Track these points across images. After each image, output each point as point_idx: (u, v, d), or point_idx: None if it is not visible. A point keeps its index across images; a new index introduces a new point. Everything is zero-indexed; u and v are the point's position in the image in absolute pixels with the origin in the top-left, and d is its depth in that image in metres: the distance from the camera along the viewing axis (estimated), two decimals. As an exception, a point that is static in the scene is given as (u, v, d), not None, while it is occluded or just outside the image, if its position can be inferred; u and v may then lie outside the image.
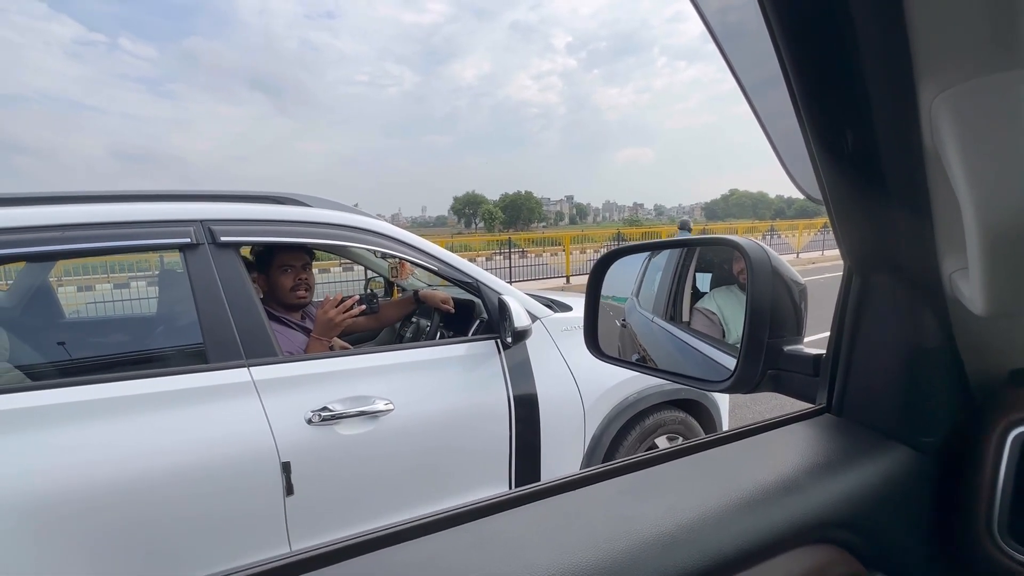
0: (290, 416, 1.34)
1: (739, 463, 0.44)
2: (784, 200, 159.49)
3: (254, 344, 1.36)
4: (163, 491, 1.19)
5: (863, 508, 0.41)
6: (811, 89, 0.34)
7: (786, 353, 0.54)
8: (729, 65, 0.42)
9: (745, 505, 0.37)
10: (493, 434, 1.62)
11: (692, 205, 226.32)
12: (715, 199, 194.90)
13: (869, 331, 0.47)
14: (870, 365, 0.48)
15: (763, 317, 0.52)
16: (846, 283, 0.49)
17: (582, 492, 0.39)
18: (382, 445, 1.44)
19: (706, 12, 0.38)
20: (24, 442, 1.10)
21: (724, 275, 0.77)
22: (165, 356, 1.69)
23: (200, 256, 1.36)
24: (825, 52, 0.32)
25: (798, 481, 0.41)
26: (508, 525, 0.35)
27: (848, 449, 0.45)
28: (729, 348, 0.68)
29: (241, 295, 1.38)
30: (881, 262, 0.44)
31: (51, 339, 1.82)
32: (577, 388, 1.76)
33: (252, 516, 1.29)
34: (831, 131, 0.36)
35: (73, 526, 1.11)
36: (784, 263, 0.57)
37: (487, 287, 1.72)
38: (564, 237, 12.34)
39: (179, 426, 1.23)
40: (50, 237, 1.23)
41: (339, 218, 1.59)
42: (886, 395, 0.47)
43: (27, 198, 1.34)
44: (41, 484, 1.09)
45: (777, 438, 0.48)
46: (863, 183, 0.38)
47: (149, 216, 1.35)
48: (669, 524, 0.34)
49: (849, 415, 0.50)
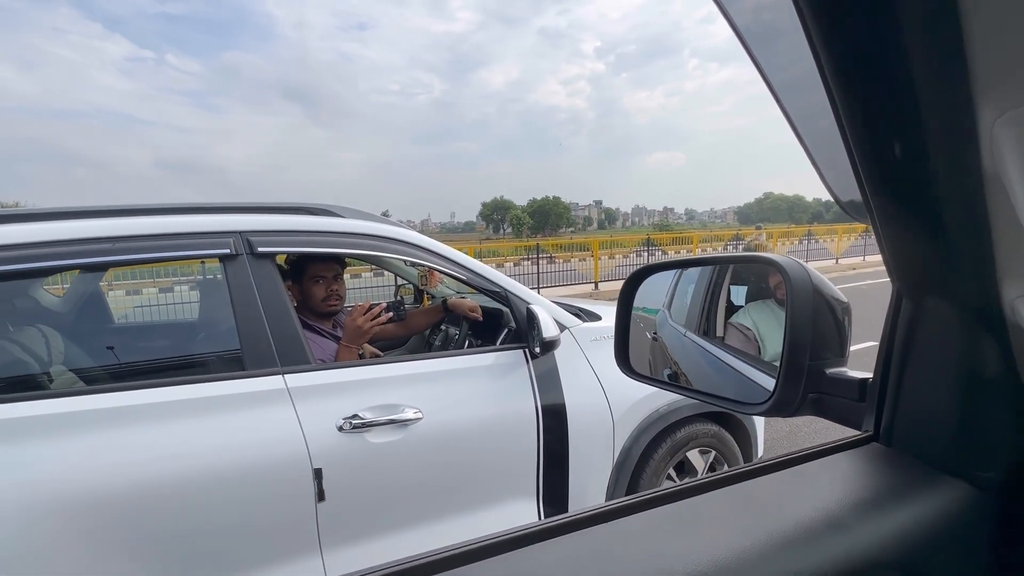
0: (322, 423, 1.36)
1: (779, 496, 0.42)
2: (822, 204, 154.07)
3: (288, 352, 1.40)
4: (203, 494, 1.22)
5: (917, 548, 0.39)
6: (857, 100, 0.32)
7: (828, 376, 0.51)
8: (760, 71, 0.40)
9: (787, 543, 0.35)
10: (521, 444, 1.61)
11: (724, 209, 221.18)
12: (748, 203, 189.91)
13: (921, 357, 0.45)
14: (923, 393, 0.45)
15: (803, 339, 0.50)
16: (895, 306, 0.46)
17: (613, 525, 0.38)
18: (411, 453, 1.45)
19: (734, 17, 0.37)
20: (73, 444, 1.16)
21: (760, 289, 0.75)
22: (205, 362, 1.75)
23: (239, 266, 1.41)
24: (873, 61, 0.30)
25: (844, 517, 0.38)
26: (539, 559, 0.34)
27: (899, 483, 0.43)
28: (765, 366, 0.66)
29: (277, 304, 1.42)
30: (935, 286, 0.41)
31: (101, 343, 1.92)
32: (606, 399, 1.73)
33: (285, 521, 1.32)
34: (880, 151, 0.34)
35: (117, 526, 1.16)
36: (825, 281, 0.54)
37: (515, 296, 1.72)
38: (592, 242, 12.24)
39: (218, 431, 1.27)
40: (103, 248, 1.30)
41: (370, 228, 1.62)
42: (940, 425, 0.44)
43: (81, 211, 1.42)
44: (87, 484, 1.14)
45: (820, 469, 0.46)
46: (915, 204, 0.36)
47: (192, 228, 1.41)
48: (705, 563, 0.33)
49: (899, 445, 0.47)
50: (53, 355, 1.59)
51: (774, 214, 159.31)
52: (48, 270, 1.38)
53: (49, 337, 1.60)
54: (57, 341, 1.62)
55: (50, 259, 1.25)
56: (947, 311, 0.42)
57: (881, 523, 0.39)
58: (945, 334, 0.42)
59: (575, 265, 12.43)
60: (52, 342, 1.61)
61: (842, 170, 0.40)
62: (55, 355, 1.60)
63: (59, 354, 1.61)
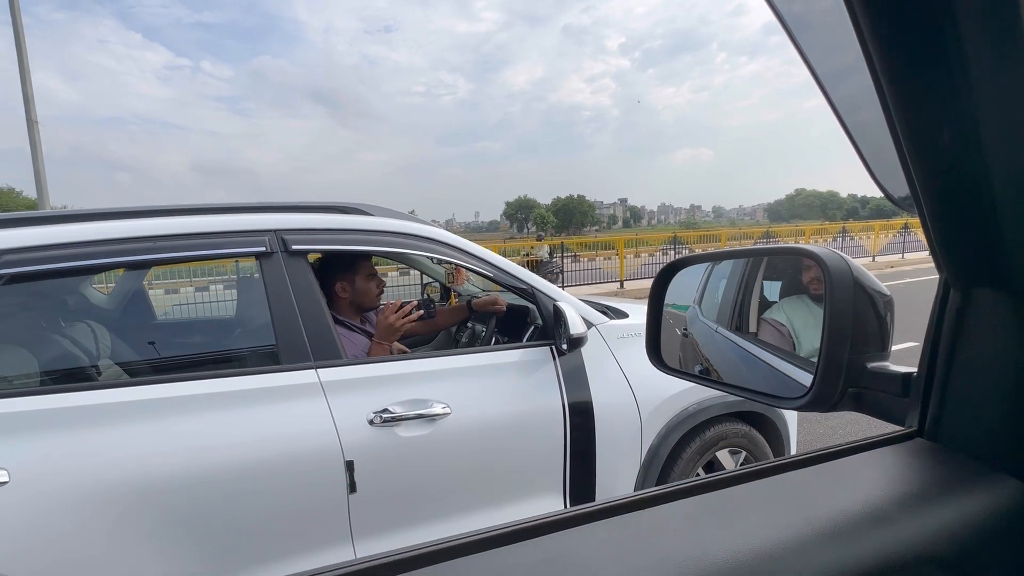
0: (353, 416, 1.40)
1: (819, 488, 0.41)
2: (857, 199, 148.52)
3: (321, 346, 1.44)
4: (238, 484, 1.27)
5: (965, 545, 0.38)
6: (904, 84, 0.32)
7: (870, 370, 0.50)
8: (802, 55, 0.39)
9: (827, 535, 0.35)
10: (547, 440, 1.61)
11: (754, 206, 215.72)
12: (779, 199, 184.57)
13: (971, 350, 0.43)
14: (972, 387, 0.44)
15: (843, 332, 0.49)
16: (942, 296, 0.45)
17: (652, 512, 0.38)
18: (439, 447, 1.47)
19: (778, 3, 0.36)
20: (116, 433, 1.22)
21: (793, 284, 0.73)
22: (242, 356, 1.81)
23: (273, 264, 1.45)
24: (921, 43, 0.30)
25: (888, 511, 0.37)
26: (577, 542, 0.35)
27: (946, 479, 0.41)
28: (801, 362, 0.65)
29: (310, 300, 1.46)
30: (985, 276, 0.40)
31: (144, 339, 2.01)
32: (634, 397, 1.72)
33: (318, 511, 1.36)
34: (929, 138, 0.33)
35: (160, 511, 1.21)
36: (867, 273, 0.53)
37: (542, 293, 1.72)
38: (618, 241, 12.12)
39: (255, 422, 1.32)
40: (145, 247, 1.36)
41: (399, 226, 1.65)
42: (991, 421, 0.43)
43: (124, 212, 1.49)
44: (134, 472, 1.20)
45: (862, 463, 0.45)
46: (965, 192, 0.35)
47: (228, 227, 1.46)
48: (745, 551, 0.32)
49: (946, 441, 0.45)
50: (101, 349, 1.67)
51: (806, 211, 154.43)
52: (94, 268, 1.45)
53: (97, 332, 1.69)
54: (104, 336, 1.71)
55: (96, 257, 1.32)
56: (998, 301, 0.40)
57: (927, 518, 0.37)
58: (996, 325, 0.41)
59: (600, 264, 12.34)
60: (100, 336, 1.69)
61: (888, 159, 0.39)
62: (103, 349, 1.68)
63: (106, 348, 1.70)
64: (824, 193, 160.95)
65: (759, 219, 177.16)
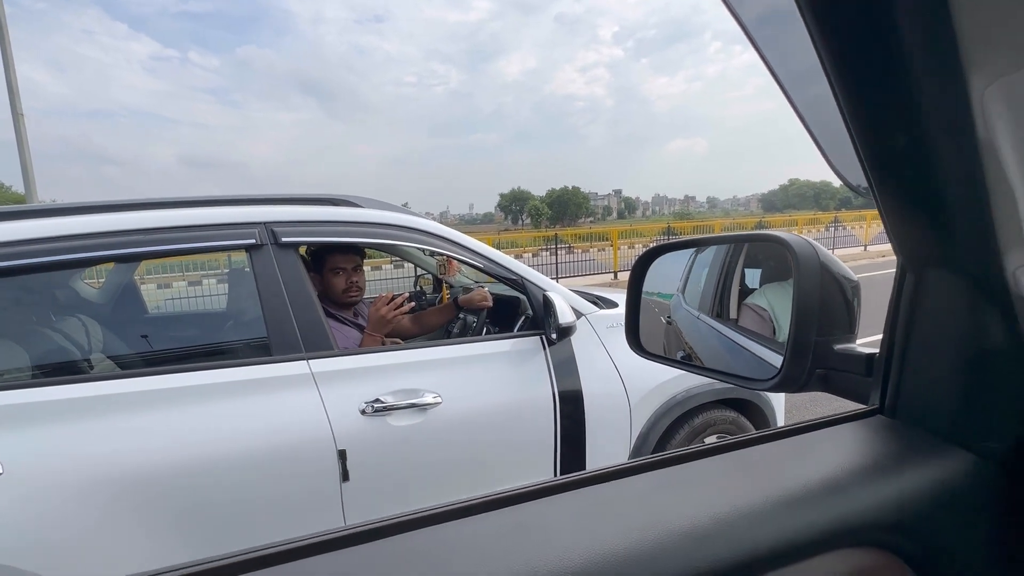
0: (345, 406, 1.41)
1: (782, 462, 0.43)
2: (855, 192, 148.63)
3: (313, 338, 1.45)
4: (233, 473, 1.29)
5: (917, 513, 0.40)
6: (852, 80, 0.33)
7: (837, 352, 0.52)
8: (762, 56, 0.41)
9: (785, 503, 0.37)
10: (538, 429, 1.64)
11: (748, 196, 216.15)
12: (773, 189, 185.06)
13: (926, 330, 0.45)
14: (927, 365, 0.46)
15: (810, 314, 0.51)
16: (899, 279, 0.47)
17: (619, 483, 0.40)
18: (430, 437, 1.50)
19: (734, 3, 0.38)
20: (109, 425, 1.23)
21: (775, 271, 0.75)
22: (233, 348, 1.82)
23: (264, 256, 1.46)
24: (865, 41, 0.31)
25: (844, 482, 0.40)
26: (545, 511, 0.37)
27: (902, 452, 0.44)
28: (779, 346, 0.67)
29: (301, 292, 1.47)
30: (936, 258, 0.42)
31: (135, 332, 2.01)
32: (623, 385, 1.74)
33: (312, 500, 1.38)
34: (876, 123, 0.35)
35: (152, 501, 1.23)
36: (834, 258, 0.55)
37: (532, 284, 1.74)
38: (612, 232, 12.14)
39: (247, 413, 1.33)
40: (135, 240, 1.36)
41: (390, 218, 1.66)
42: (945, 397, 0.45)
43: (113, 205, 1.49)
44: (126, 462, 1.21)
45: (824, 438, 0.47)
46: (913, 176, 0.37)
47: (218, 220, 1.46)
48: (703, 518, 0.35)
49: (904, 417, 0.48)
50: (92, 343, 1.67)
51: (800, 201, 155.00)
52: (83, 261, 1.45)
53: (88, 326, 1.69)
54: (96, 330, 1.71)
55: (84, 251, 1.32)
56: (950, 283, 0.42)
57: (881, 489, 0.40)
58: (948, 306, 0.43)
59: (594, 255, 12.36)
60: (91, 330, 1.69)
61: (846, 152, 0.40)
62: (94, 343, 1.68)
63: (98, 342, 1.70)
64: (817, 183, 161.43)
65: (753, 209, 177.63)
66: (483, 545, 0.33)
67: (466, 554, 0.33)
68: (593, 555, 0.32)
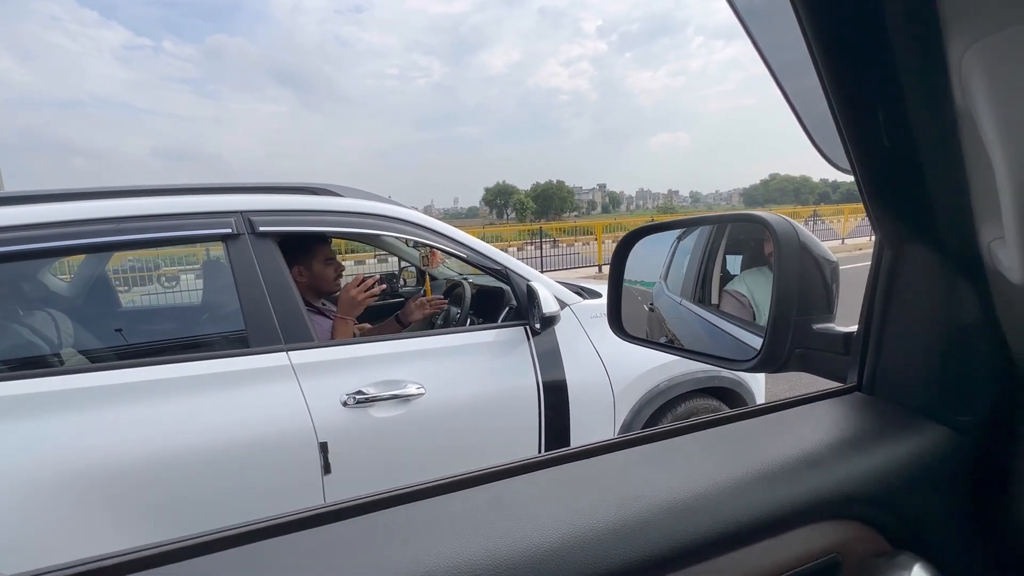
0: (327, 398, 1.39)
1: (760, 438, 0.43)
2: (829, 184, 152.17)
3: (292, 329, 1.42)
4: (212, 466, 1.26)
5: (892, 486, 0.40)
6: (832, 52, 0.33)
7: (815, 331, 0.52)
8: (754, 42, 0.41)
9: (763, 477, 0.37)
10: (522, 419, 1.64)
11: (730, 191, 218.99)
12: (754, 184, 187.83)
13: (903, 306, 0.45)
14: (904, 342, 0.46)
15: (790, 294, 0.51)
16: (877, 256, 0.47)
17: (598, 460, 0.39)
18: (414, 428, 1.48)
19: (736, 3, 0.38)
20: (85, 419, 1.19)
21: (755, 256, 0.75)
22: (211, 341, 1.78)
23: (241, 246, 1.42)
24: (846, 15, 0.31)
25: (822, 456, 0.40)
26: (524, 487, 0.36)
27: (878, 427, 0.44)
28: (758, 329, 0.67)
29: (279, 282, 1.44)
30: (914, 233, 0.42)
31: (109, 326, 1.95)
32: (607, 374, 1.75)
33: (293, 493, 1.36)
34: (856, 96, 0.35)
35: (128, 496, 1.20)
36: (814, 239, 0.55)
37: (516, 274, 1.73)
38: (596, 226, 12.20)
39: (225, 406, 1.30)
40: (106, 229, 1.32)
41: (372, 207, 1.63)
42: (921, 372, 0.45)
43: (84, 193, 1.44)
44: (99, 457, 1.18)
45: (802, 414, 0.47)
46: (892, 149, 0.37)
47: (193, 208, 1.42)
48: (682, 492, 0.34)
49: (881, 394, 0.48)
50: (63, 337, 1.62)
51: (780, 195, 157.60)
52: (53, 251, 1.39)
53: (58, 320, 1.63)
54: (66, 324, 1.65)
55: (54, 240, 1.27)
56: (927, 258, 0.42)
57: (858, 462, 0.40)
58: (925, 281, 0.43)
59: (579, 249, 12.41)
60: (61, 325, 1.63)
61: (828, 128, 0.40)
62: (64, 337, 1.63)
63: (68, 336, 1.64)
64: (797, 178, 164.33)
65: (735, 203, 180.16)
66: (461, 521, 0.33)
67: (444, 530, 0.32)
68: (572, 529, 0.31)
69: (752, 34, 0.41)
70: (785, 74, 0.41)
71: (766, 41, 0.42)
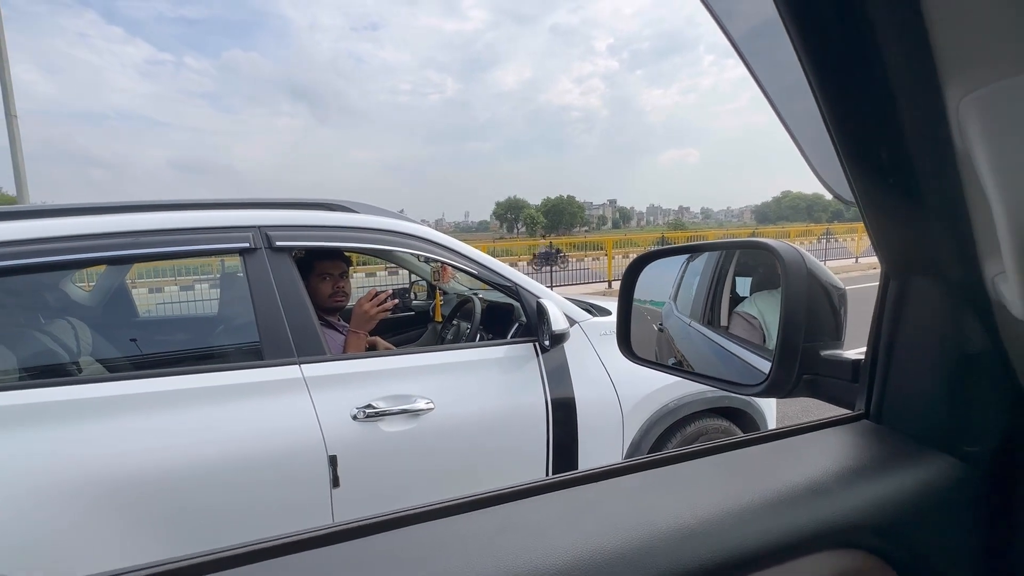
0: (337, 412, 1.40)
1: (767, 464, 0.43)
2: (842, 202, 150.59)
3: (305, 343, 1.44)
4: (222, 477, 1.27)
5: (900, 516, 0.41)
6: (834, 94, 0.35)
7: (823, 358, 0.53)
8: (751, 71, 0.42)
9: (769, 504, 0.37)
10: (530, 436, 1.63)
11: (741, 208, 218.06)
12: (766, 201, 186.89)
13: (909, 336, 0.46)
14: (911, 371, 0.47)
15: (797, 321, 0.52)
16: (883, 286, 0.48)
17: (605, 484, 0.40)
18: (423, 443, 1.49)
19: (724, 21, 0.39)
20: (100, 428, 1.22)
21: (766, 279, 0.76)
22: (225, 352, 1.81)
23: (257, 260, 1.45)
24: (846, 56, 0.32)
25: (829, 485, 0.40)
26: (532, 511, 0.37)
27: (885, 456, 0.44)
28: (768, 353, 0.67)
29: (294, 296, 1.47)
30: (919, 265, 0.43)
31: (126, 335, 1.99)
32: (616, 393, 1.75)
33: (301, 505, 1.36)
34: (858, 135, 0.36)
35: (141, 505, 1.21)
36: (821, 267, 0.56)
37: (525, 291, 1.75)
38: (606, 241, 12.21)
39: (238, 417, 1.32)
40: (126, 242, 1.36)
41: (385, 224, 1.66)
42: (928, 402, 0.46)
43: (104, 207, 1.48)
44: (110, 466, 1.20)
45: (810, 442, 0.47)
46: (895, 186, 0.38)
47: (211, 223, 1.46)
48: (688, 517, 0.35)
49: (888, 422, 0.48)
50: (82, 346, 1.66)
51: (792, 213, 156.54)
52: (74, 263, 1.44)
53: (78, 329, 1.67)
54: (85, 332, 1.69)
55: (75, 252, 1.31)
56: (932, 290, 0.43)
57: (864, 491, 0.40)
58: (931, 313, 0.44)
59: (589, 264, 12.41)
60: (80, 333, 1.67)
61: (832, 160, 0.42)
62: (83, 346, 1.66)
63: (87, 345, 1.68)
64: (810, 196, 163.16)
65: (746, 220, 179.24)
66: (468, 543, 0.34)
67: (451, 552, 0.33)
68: (579, 553, 0.32)
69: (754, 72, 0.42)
70: (795, 122, 0.42)
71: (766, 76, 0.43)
